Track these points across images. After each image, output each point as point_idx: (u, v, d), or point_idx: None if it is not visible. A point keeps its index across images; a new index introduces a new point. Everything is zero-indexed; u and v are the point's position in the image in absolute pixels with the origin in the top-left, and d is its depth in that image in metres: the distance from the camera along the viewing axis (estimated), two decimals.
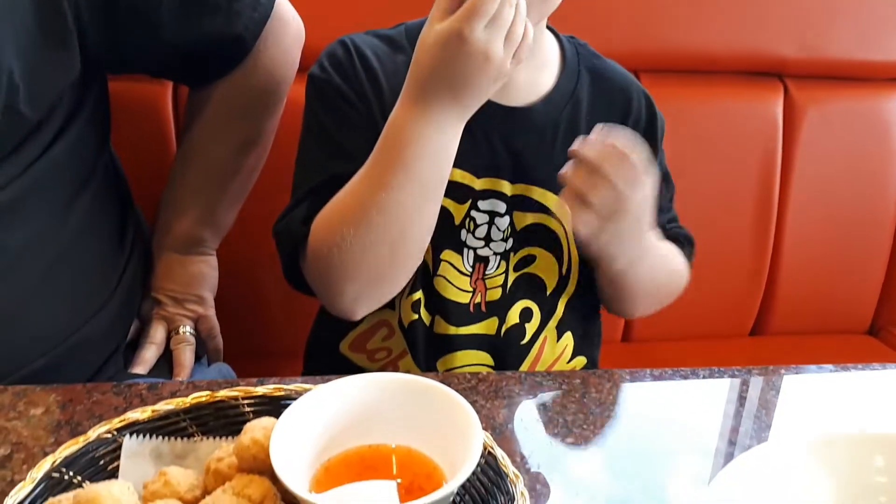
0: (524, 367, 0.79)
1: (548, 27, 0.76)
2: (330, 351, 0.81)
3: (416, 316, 0.76)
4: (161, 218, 0.86)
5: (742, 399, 0.64)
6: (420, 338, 0.76)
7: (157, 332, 0.83)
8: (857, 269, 1.20)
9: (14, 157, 0.65)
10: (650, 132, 0.78)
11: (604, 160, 0.61)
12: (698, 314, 1.17)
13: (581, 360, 0.83)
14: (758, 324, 1.21)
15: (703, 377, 0.66)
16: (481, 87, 0.61)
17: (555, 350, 0.80)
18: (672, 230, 0.81)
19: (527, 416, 0.59)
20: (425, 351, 0.77)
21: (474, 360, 0.77)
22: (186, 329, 0.84)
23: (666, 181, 0.81)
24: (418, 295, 0.75)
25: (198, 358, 0.85)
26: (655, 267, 0.76)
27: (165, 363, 0.83)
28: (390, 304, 0.77)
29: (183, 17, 0.71)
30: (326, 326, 0.87)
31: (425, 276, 0.75)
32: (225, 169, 0.84)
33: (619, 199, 0.62)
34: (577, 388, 0.63)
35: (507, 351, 0.78)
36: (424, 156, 0.63)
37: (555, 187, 0.73)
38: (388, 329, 0.78)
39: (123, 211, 0.81)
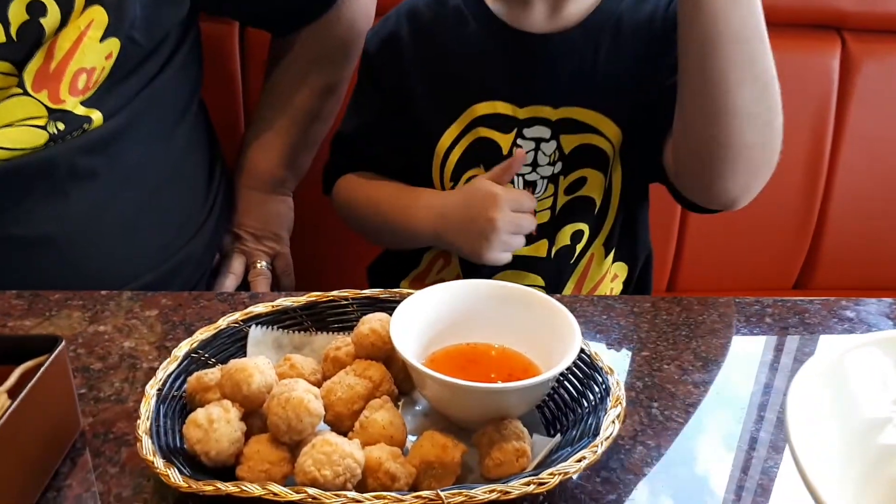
0: (570, 284, 0.81)
1: None
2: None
3: None
4: (244, 158, 0.90)
5: (807, 325, 0.68)
6: (472, 264, 0.78)
7: (237, 265, 0.87)
8: None
9: (130, 80, 0.70)
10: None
11: None
12: (743, 266, 1.19)
13: (621, 267, 0.84)
14: (801, 278, 1.23)
15: (767, 305, 0.69)
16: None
17: (602, 267, 0.82)
18: None
19: (602, 333, 0.63)
20: (477, 277, 0.79)
21: (525, 281, 0.80)
22: (263, 264, 0.89)
23: None
24: None
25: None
26: (753, 35, 0.63)
27: None
28: None
29: None
30: (388, 266, 0.91)
31: None
32: (307, 113, 0.88)
33: None
34: (648, 310, 0.67)
35: (557, 271, 0.80)
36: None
37: (599, 106, 0.74)
38: (444, 260, 0.82)
39: (213, 145, 0.86)
